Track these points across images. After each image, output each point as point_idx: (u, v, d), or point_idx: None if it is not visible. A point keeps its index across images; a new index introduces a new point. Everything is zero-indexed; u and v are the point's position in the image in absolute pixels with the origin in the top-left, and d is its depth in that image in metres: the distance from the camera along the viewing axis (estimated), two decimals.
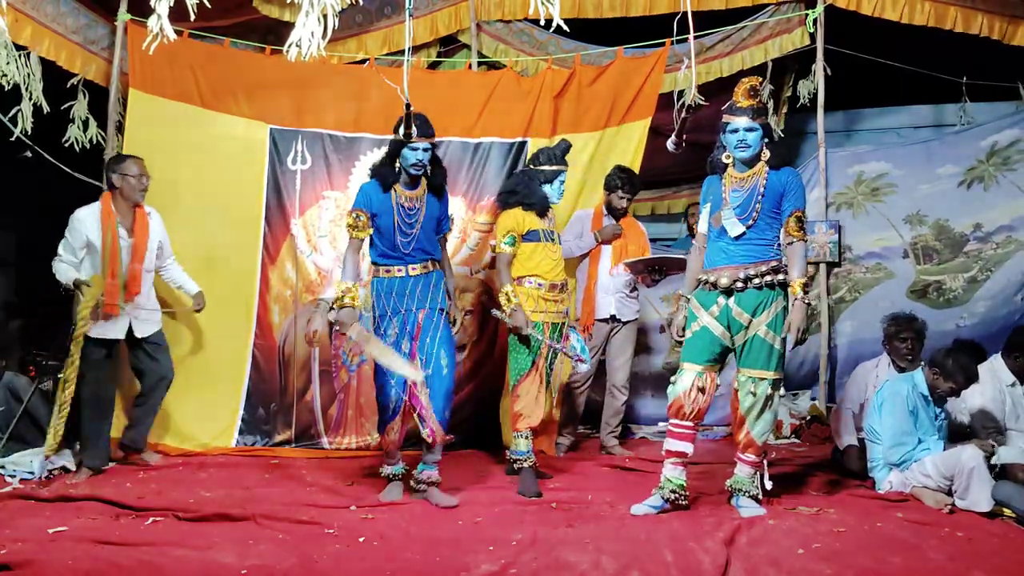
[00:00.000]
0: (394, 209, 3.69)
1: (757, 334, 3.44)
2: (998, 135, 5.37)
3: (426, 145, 3.68)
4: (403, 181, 3.73)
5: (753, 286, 3.42)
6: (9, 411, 4.37)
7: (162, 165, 4.76)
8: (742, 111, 3.42)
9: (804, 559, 2.84)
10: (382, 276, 3.74)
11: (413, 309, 3.68)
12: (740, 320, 3.45)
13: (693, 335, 3.51)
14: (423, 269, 3.74)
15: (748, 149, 3.44)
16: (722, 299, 3.46)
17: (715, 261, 3.52)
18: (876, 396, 3.98)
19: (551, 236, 4.15)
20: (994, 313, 5.30)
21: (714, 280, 3.47)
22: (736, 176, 3.51)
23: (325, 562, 2.80)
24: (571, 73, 5.10)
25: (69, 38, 4.82)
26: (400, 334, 3.66)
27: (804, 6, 5.43)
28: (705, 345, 3.48)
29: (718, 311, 3.46)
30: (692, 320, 3.54)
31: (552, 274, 4.09)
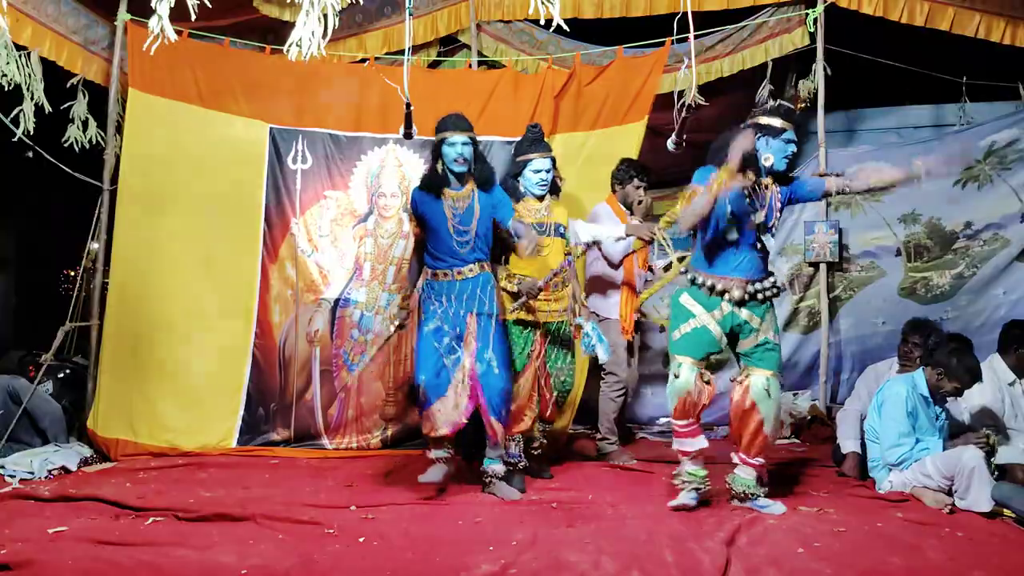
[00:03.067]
0: (446, 212, 3.73)
1: (767, 338, 3.48)
2: (996, 135, 5.39)
3: (464, 140, 3.73)
4: (451, 183, 3.77)
5: (758, 301, 3.47)
6: (8, 413, 4.37)
7: (162, 165, 4.78)
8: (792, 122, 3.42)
9: (804, 559, 2.84)
10: (431, 280, 3.79)
11: (462, 313, 3.71)
12: (752, 324, 3.47)
13: (691, 331, 3.49)
14: (471, 272, 3.75)
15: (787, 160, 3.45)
16: (727, 305, 3.46)
17: (722, 270, 3.49)
18: (876, 396, 3.98)
19: (543, 230, 3.98)
20: (975, 307, 5.39)
21: (721, 289, 3.46)
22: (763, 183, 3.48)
23: (325, 562, 2.80)
24: (571, 73, 5.10)
25: (70, 38, 4.83)
26: (449, 336, 3.70)
27: (804, 6, 5.43)
28: (703, 343, 3.48)
29: (720, 316, 3.47)
30: (688, 317, 3.51)
31: (541, 271, 3.97)
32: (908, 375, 3.95)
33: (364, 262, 4.97)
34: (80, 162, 4.98)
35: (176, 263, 4.77)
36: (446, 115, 3.65)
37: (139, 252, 4.74)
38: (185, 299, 4.75)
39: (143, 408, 4.64)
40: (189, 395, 4.69)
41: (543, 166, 4.01)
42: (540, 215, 4.03)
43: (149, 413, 4.64)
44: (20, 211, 7.87)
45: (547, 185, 4.02)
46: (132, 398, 4.64)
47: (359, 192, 5.02)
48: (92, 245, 5.07)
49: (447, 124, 3.78)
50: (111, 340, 4.69)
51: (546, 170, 4.01)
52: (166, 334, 4.72)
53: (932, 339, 4.23)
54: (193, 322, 4.76)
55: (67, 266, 8.81)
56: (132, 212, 4.75)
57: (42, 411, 4.49)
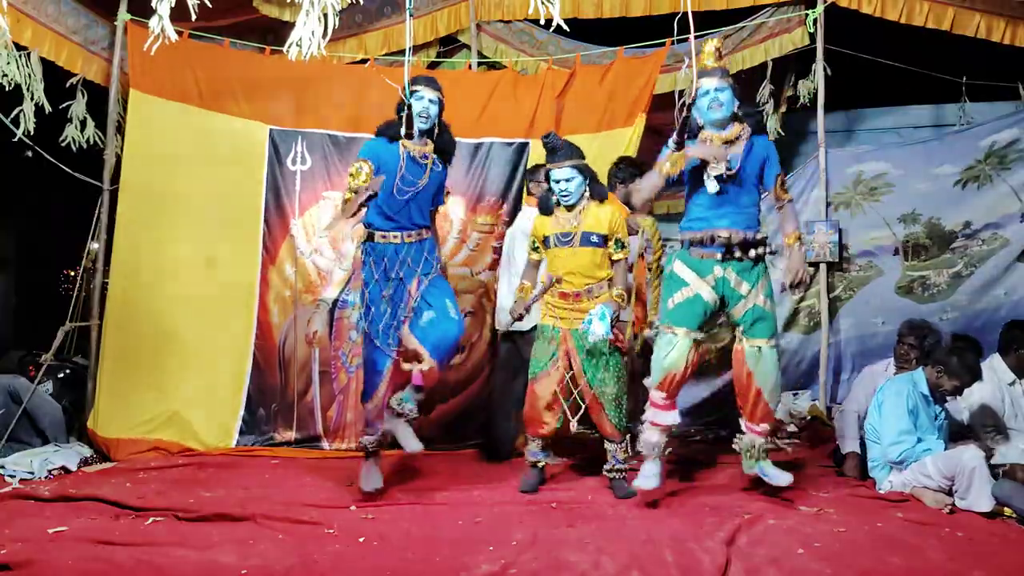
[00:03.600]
0: (401, 158, 3.64)
1: (757, 304, 3.48)
2: (997, 135, 5.38)
3: (432, 96, 3.65)
4: (410, 137, 3.67)
5: (749, 258, 3.47)
6: (9, 413, 4.37)
7: (162, 165, 4.79)
8: (711, 72, 3.46)
9: (804, 559, 2.84)
10: (377, 241, 3.70)
11: (402, 277, 3.67)
12: (739, 291, 3.48)
13: (685, 300, 3.50)
14: (418, 236, 3.72)
15: (721, 108, 3.47)
16: (719, 269, 3.47)
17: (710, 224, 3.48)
18: (877, 395, 3.99)
19: (567, 240, 3.81)
20: (975, 307, 5.37)
21: (714, 236, 3.45)
22: (716, 137, 3.50)
23: (325, 562, 2.80)
24: (571, 73, 5.10)
25: (70, 38, 4.83)
26: (394, 302, 3.65)
27: (804, 6, 5.43)
28: (698, 311, 3.50)
29: (714, 280, 3.48)
30: (682, 285, 3.52)
31: (568, 283, 3.80)
32: (908, 374, 3.95)
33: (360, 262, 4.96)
34: (80, 162, 4.99)
35: (176, 263, 4.77)
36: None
37: (139, 253, 4.74)
38: (185, 299, 4.75)
39: (143, 408, 4.64)
40: (189, 395, 4.69)
41: (560, 176, 3.81)
42: (569, 224, 3.83)
43: (149, 413, 4.64)
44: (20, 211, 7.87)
45: (569, 195, 3.81)
46: (132, 398, 4.64)
47: None
48: (92, 245, 5.07)
49: (417, 78, 3.67)
50: (111, 340, 4.69)
51: (565, 179, 3.80)
52: (166, 334, 4.72)
53: (928, 340, 4.24)
54: (193, 322, 4.76)
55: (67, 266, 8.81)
56: (132, 212, 4.75)
57: (42, 411, 4.49)
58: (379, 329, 3.65)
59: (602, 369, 3.78)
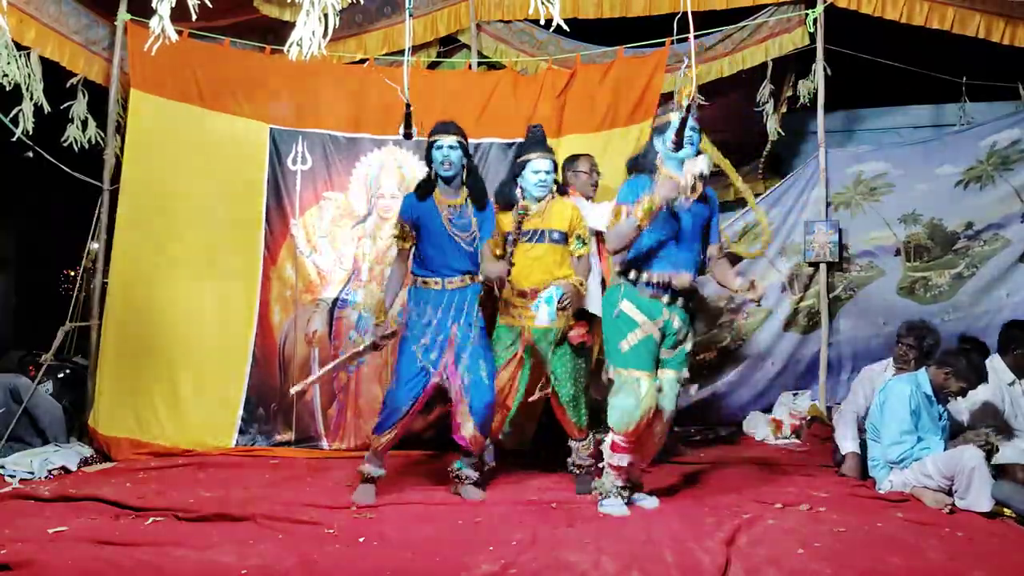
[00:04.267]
0: (440, 216, 3.71)
1: (684, 348, 3.53)
2: (997, 135, 5.37)
3: (451, 143, 3.71)
4: (442, 188, 3.75)
5: (689, 306, 3.52)
6: (9, 412, 4.38)
7: (162, 165, 4.79)
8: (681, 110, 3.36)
9: (804, 559, 2.84)
10: (419, 287, 3.76)
11: (447, 323, 3.69)
12: (679, 335, 3.50)
13: (639, 343, 3.43)
14: (460, 283, 3.73)
15: (693, 147, 3.43)
16: (666, 312, 3.45)
17: (663, 267, 3.45)
18: (879, 395, 3.99)
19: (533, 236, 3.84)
20: (978, 309, 5.35)
21: (667, 282, 3.43)
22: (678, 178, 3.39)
23: (325, 562, 2.80)
24: (572, 73, 5.10)
25: (72, 39, 4.84)
26: (431, 345, 3.67)
27: (804, 6, 5.43)
28: (651, 352, 3.46)
29: (662, 323, 3.46)
30: (633, 327, 3.45)
31: (525, 279, 3.80)
32: (912, 374, 3.95)
33: (362, 263, 4.97)
34: (80, 162, 4.99)
35: (177, 263, 4.77)
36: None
37: (139, 252, 4.74)
38: (186, 299, 4.75)
39: (143, 408, 4.65)
40: (189, 395, 4.69)
41: (543, 166, 3.89)
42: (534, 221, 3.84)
43: (149, 412, 4.65)
44: (20, 211, 7.87)
45: (546, 186, 3.90)
46: (132, 398, 4.64)
47: (358, 193, 5.02)
48: (92, 245, 5.07)
49: (435, 127, 3.77)
50: (111, 340, 4.69)
51: (546, 171, 3.89)
52: (166, 334, 4.72)
53: (927, 340, 4.24)
54: (193, 322, 4.76)
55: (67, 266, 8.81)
56: (132, 212, 4.75)
57: (43, 410, 4.49)
58: (408, 372, 3.66)
59: (562, 367, 3.82)
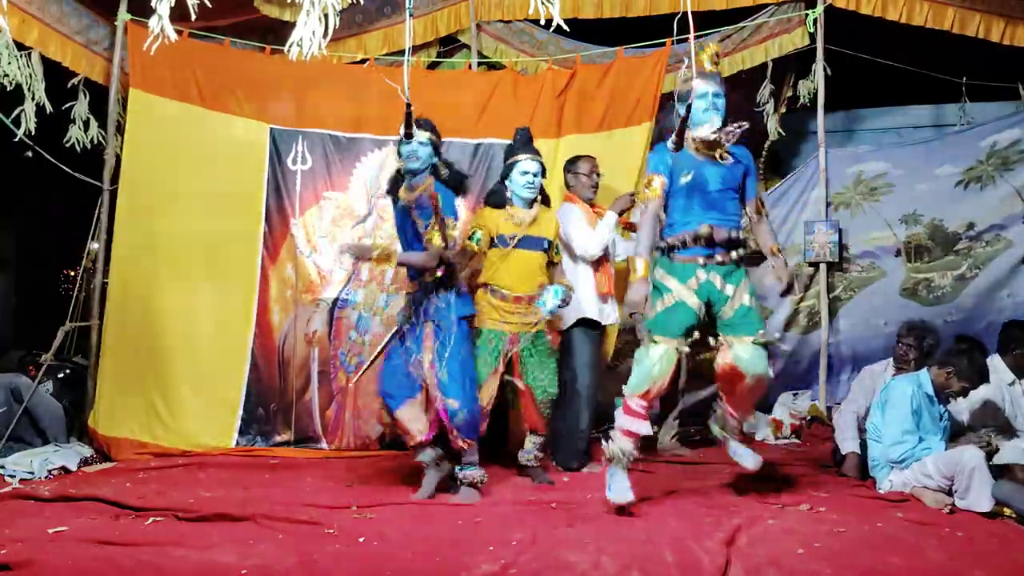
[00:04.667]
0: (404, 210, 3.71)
1: (743, 303, 3.43)
2: (998, 135, 5.37)
3: (422, 138, 3.67)
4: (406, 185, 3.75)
5: (732, 261, 3.41)
6: (10, 412, 4.38)
7: (162, 165, 4.79)
8: (708, 76, 3.38)
9: (804, 559, 2.83)
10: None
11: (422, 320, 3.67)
12: (725, 292, 3.41)
13: (666, 309, 3.39)
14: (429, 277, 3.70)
15: (719, 112, 3.40)
16: (702, 273, 3.39)
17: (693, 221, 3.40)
18: (880, 395, 3.99)
19: (524, 243, 3.88)
20: (980, 310, 5.34)
21: (704, 235, 3.37)
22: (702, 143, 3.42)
23: (325, 562, 2.80)
24: (572, 73, 5.09)
25: (73, 39, 4.85)
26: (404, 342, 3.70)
27: (804, 6, 5.43)
28: (681, 319, 3.39)
29: (697, 285, 3.39)
30: (665, 292, 3.41)
31: (517, 285, 3.85)
32: (913, 374, 3.94)
33: (362, 263, 4.97)
34: (80, 162, 4.99)
35: (176, 263, 4.77)
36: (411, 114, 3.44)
37: (139, 252, 4.74)
38: (185, 299, 4.75)
39: (143, 408, 4.66)
40: (189, 395, 4.70)
41: (531, 168, 3.89)
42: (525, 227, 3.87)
43: (149, 413, 4.65)
44: (20, 211, 7.87)
45: (534, 188, 3.90)
46: (132, 398, 4.65)
47: (358, 193, 5.02)
48: (92, 245, 5.07)
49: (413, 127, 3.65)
50: (111, 340, 4.69)
51: (533, 172, 3.89)
52: (166, 334, 4.72)
53: (927, 340, 4.24)
54: (193, 322, 4.76)
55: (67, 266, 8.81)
56: (132, 212, 4.75)
57: (43, 410, 4.50)
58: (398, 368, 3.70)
59: (542, 371, 3.94)
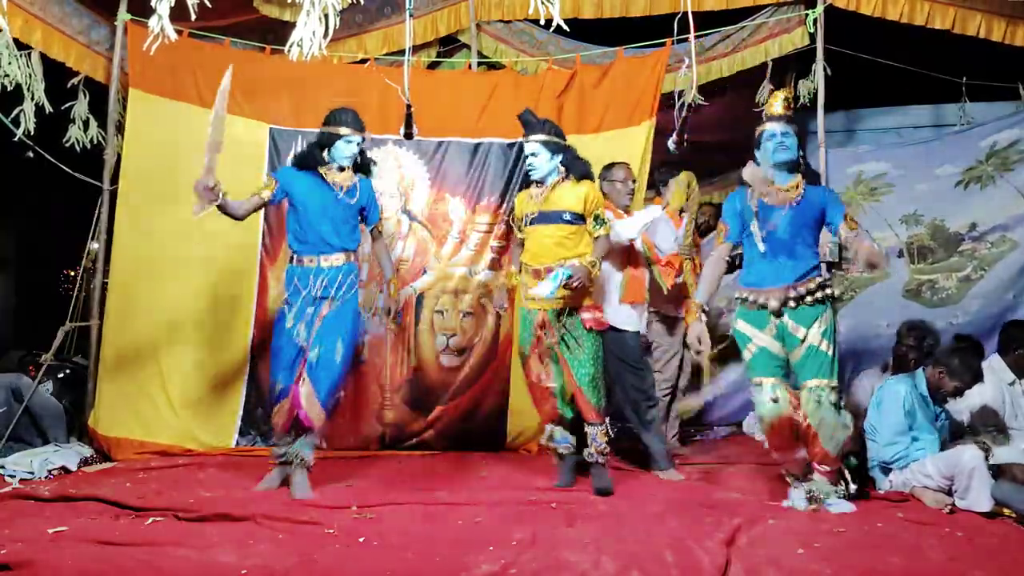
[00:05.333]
0: (322, 190, 3.79)
1: (813, 344, 3.46)
2: (997, 135, 5.36)
3: (359, 139, 3.83)
4: (335, 169, 3.85)
5: (805, 304, 3.47)
6: (11, 411, 4.38)
7: (162, 165, 4.78)
8: (777, 119, 3.50)
9: (804, 559, 2.84)
10: (295, 265, 3.81)
11: (318, 298, 3.73)
12: (796, 335, 3.48)
13: (754, 355, 3.55)
14: (338, 261, 3.78)
15: (787, 151, 3.49)
16: (774, 319, 3.49)
17: (761, 281, 3.54)
18: (876, 394, 4.00)
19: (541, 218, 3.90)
20: (987, 312, 5.31)
21: (763, 302, 3.50)
22: (776, 188, 3.52)
23: (325, 562, 2.80)
24: (572, 73, 5.09)
25: (76, 39, 4.86)
26: (297, 320, 3.72)
27: (804, 6, 5.42)
28: (772, 361, 3.53)
29: (774, 331, 3.51)
30: (747, 342, 3.57)
31: (535, 259, 3.90)
32: (908, 375, 3.95)
33: (361, 263, 4.95)
34: (80, 162, 4.99)
35: (176, 263, 4.76)
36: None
37: (139, 252, 4.74)
38: (185, 299, 4.75)
39: (143, 408, 4.65)
40: (189, 395, 4.69)
41: (527, 150, 3.95)
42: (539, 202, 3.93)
43: (149, 413, 4.65)
44: (20, 211, 7.88)
45: (534, 169, 3.93)
46: (132, 398, 4.65)
47: None
48: (92, 245, 5.07)
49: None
50: (111, 340, 4.69)
51: (531, 153, 3.93)
52: (166, 334, 4.72)
53: (927, 341, 4.23)
54: (193, 322, 4.76)
55: (67, 266, 8.82)
56: (132, 212, 4.75)
57: (44, 410, 4.50)
58: (286, 351, 3.73)
59: (578, 351, 3.82)
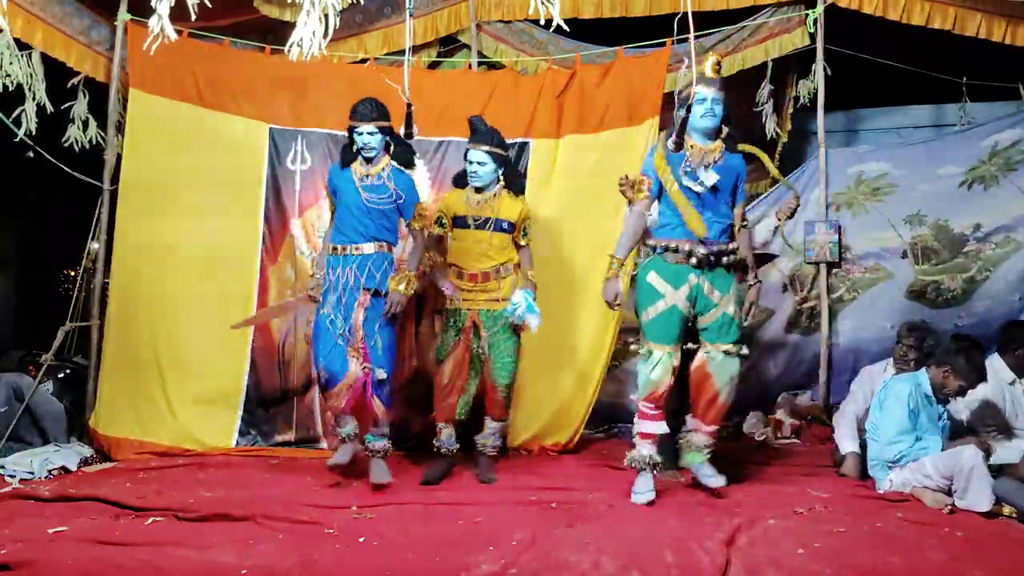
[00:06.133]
0: (355, 182, 3.89)
1: (726, 312, 3.57)
2: (998, 135, 5.36)
3: (371, 129, 3.85)
4: (361, 161, 3.93)
5: (722, 266, 3.57)
6: (12, 411, 4.38)
7: (162, 165, 4.78)
8: (710, 82, 3.55)
9: (804, 559, 2.84)
10: (330, 254, 3.92)
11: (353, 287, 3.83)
12: (712, 299, 3.55)
13: (659, 315, 3.57)
14: (368, 249, 3.88)
15: (713, 118, 3.56)
16: (693, 277, 3.54)
17: (682, 233, 3.58)
18: (879, 394, 4.00)
19: (479, 223, 4.03)
20: (992, 313, 5.28)
21: (689, 249, 3.53)
22: (699, 147, 3.59)
23: (325, 562, 2.80)
24: (572, 73, 5.09)
25: (77, 39, 4.86)
26: (334, 308, 3.82)
27: (804, 6, 5.43)
28: (674, 324, 3.57)
29: (688, 290, 3.54)
30: (657, 298, 3.57)
31: (470, 263, 4.03)
32: (912, 374, 3.95)
33: None
34: (80, 162, 4.98)
35: (176, 263, 4.76)
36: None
37: (139, 252, 4.74)
38: (185, 299, 4.75)
39: (144, 408, 4.65)
40: (189, 395, 4.69)
41: (474, 157, 4.04)
42: (483, 208, 4.05)
43: (149, 412, 4.64)
44: (20, 211, 7.87)
45: (476, 177, 4.03)
46: (132, 398, 4.65)
47: None
48: (92, 245, 5.07)
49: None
50: (112, 340, 4.69)
51: (478, 162, 4.02)
52: (167, 334, 4.72)
53: (928, 341, 4.24)
54: (193, 322, 4.75)
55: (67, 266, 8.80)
56: (133, 212, 4.75)
57: (45, 410, 4.50)
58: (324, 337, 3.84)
59: (504, 350, 3.99)
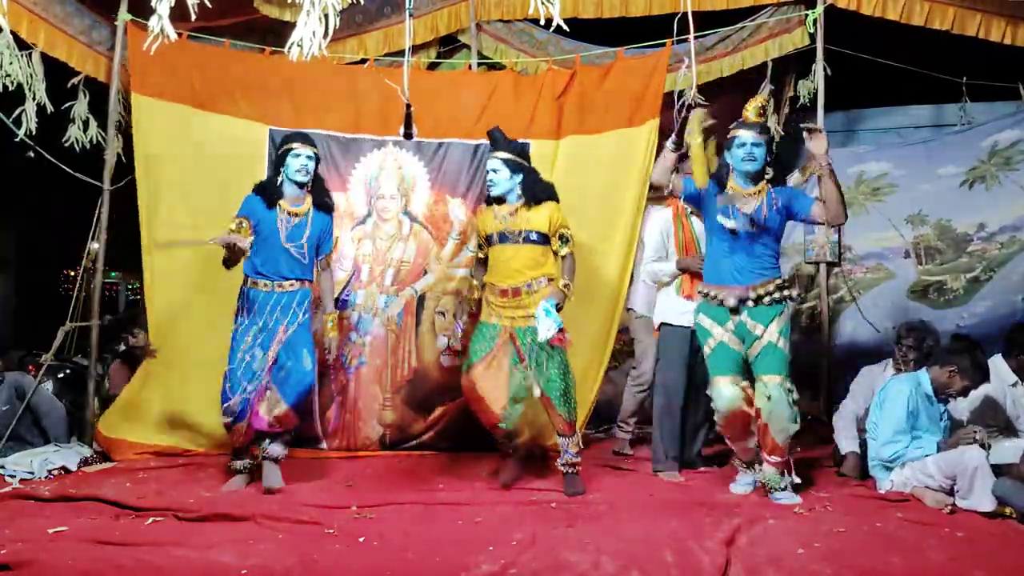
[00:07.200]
0: (279, 222, 3.88)
1: (771, 341, 3.59)
2: (998, 135, 5.36)
3: (309, 152, 3.88)
4: (288, 195, 3.93)
5: (764, 304, 3.59)
6: (13, 410, 4.38)
7: (162, 167, 4.78)
8: (750, 126, 3.59)
9: (804, 559, 2.84)
10: (249, 287, 3.93)
11: (271, 325, 3.87)
12: (755, 332, 3.60)
13: (713, 351, 3.69)
14: (291, 287, 3.92)
15: (754, 162, 3.59)
16: (735, 316, 3.61)
17: (721, 279, 3.66)
18: (879, 393, 4.00)
19: (506, 238, 3.95)
20: (995, 313, 5.28)
21: (722, 298, 3.63)
22: (738, 190, 3.63)
23: (325, 562, 2.80)
24: (572, 74, 5.08)
25: (78, 39, 4.86)
26: (253, 343, 3.85)
27: (804, 6, 5.42)
28: (728, 357, 3.65)
29: (733, 327, 3.63)
30: (707, 337, 3.70)
31: (503, 279, 3.94)
32: (912, 374, 3.95)
33: (362, 264, 4.96)
34: (80, 162, 4.98)
35: (176, 265, 4.76)
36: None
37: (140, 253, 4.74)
38: (186, 299, 4.74)
39: (144, 408, 4.64)
40: (190, 396, 4.67)
41: (490, 166, 3.98)
42: (510, 222, 3.95)
43: (150, 413, 4.64)
44: (20, 211, 7.88)
45: (493, 185, 3.96)
46: (134, 399, 4.64)
47: (358, 194, 5.00)
48: (92, 245, 5.07)
49: (293, 137, 3.96)
50: None
51: (492, 169, 3.96)
52: (167, 335, 4.72)
53: (927, 341, 4.24)
54: (193, 323, 4.75)
55: (67, 266, 8.82)
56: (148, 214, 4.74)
57: (46, 409, 4.50)
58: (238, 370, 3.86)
59: (548, 365, 3.86)
